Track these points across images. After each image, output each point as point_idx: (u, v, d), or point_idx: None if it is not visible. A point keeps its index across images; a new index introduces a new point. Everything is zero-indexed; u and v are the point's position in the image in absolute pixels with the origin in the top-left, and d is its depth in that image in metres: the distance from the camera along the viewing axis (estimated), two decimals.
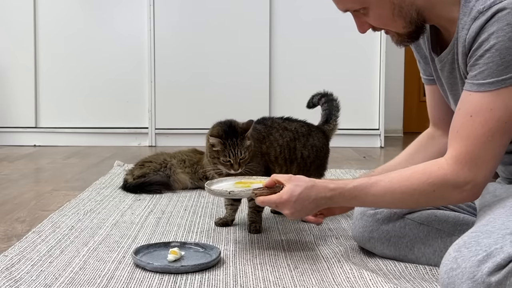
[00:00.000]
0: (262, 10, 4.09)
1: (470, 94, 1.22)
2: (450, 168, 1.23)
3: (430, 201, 1.33)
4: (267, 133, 1.91)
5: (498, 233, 1.07)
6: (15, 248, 1.61)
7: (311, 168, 1.98)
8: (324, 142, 2.07)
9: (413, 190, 1.28)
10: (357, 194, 1.35)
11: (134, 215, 2.02)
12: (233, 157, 1.74)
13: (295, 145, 1.94)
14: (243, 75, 4.10)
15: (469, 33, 1.21)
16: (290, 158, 1.92)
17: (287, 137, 1.93)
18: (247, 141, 1.77)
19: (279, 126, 1.95)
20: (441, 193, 1.25)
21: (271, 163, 1.89)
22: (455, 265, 1.07)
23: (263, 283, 1.36)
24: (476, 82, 1.20)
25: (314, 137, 2.00)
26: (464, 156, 1.22)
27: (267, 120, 1.98)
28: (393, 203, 1.37)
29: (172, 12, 4.12)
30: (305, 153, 1.96)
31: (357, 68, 4.14)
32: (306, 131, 1.99)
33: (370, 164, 3.33)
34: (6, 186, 2.61)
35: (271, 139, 1.90)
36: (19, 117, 4.13)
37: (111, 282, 1.36)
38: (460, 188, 1.23)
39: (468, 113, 1.22)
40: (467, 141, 1.22)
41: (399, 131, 4.95)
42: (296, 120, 2.04)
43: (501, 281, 1.01)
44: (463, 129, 1.23)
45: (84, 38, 4.11)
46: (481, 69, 1.19)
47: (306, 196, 1.39)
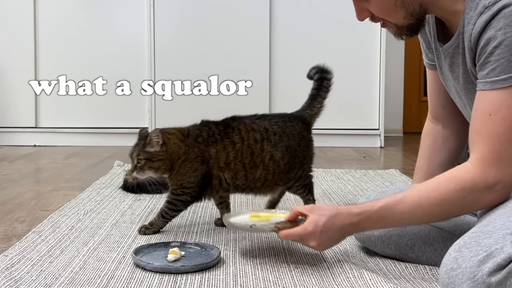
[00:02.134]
0: (262, 10, 4.09)
1: (485, 93, 1.20)
2: (477, 170, 1.20)
3: (462, 209, 1.27)
4: (222, 136, 1.79)
5: (499, 233, 1.07)
6: (15, 248, 1.61)
7: (288, 170, 1.84)
8: (302, 136, 1.89)
9: (442, 200, 1.23)
10: (385, 214, 1.30)
11: (134, 215, 2.02)
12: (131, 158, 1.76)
13: (262, 147, 1.80)
14: (243, 75, 4.09)
15: (474, 28, 1.21)
16: (253, 162, 1.79)
17: (250, 139, 1.79)
18: (151, 148, 1.73)
19: (245, 127, 1.81)
20: (472, 198, 1.21)
21: (219, 169, 1.78)
22: (455, 265, 1.07)
23: (263, 283, 1.36)
24: (489, 80, 1.19)
25: (289, 136, 1.84)
26: (489, 156, 1.19)
27: (234, 121, 1.84)
28: (423, 218, 1.31)
29: (172, 12, 4.12)
30: (277, 154, 1.81)
31: (357, 68, 4.14)
32: (280, 129, 1.83)
33: (370, 164, 3.33)
34: (6, 186, 2.61)
35: (225, 143, 1.78)
36: (19, 117, 4.13)
37: (111, 282, 1.36)
38: (490, 190, 1.20)
39: (486, 112, 1.20)
40: (489, 140, 1.19)
41: (399, 131, 4.95)
42: (271, 116, 1.89)
43: (502, 281, 1.01)
44: (483, 129, 1.21)
45: (84, 38, 4.11)
46: (493, 66, 1.18)
47: (331, 225, 1.34)
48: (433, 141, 1.62)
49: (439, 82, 1.52)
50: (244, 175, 1.80)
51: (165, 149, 1.74)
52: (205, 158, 1.77)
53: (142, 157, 1.73)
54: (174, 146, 1.75)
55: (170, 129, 1.81)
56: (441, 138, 1.61)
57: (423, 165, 1.63)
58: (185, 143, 1.77)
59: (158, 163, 1.73)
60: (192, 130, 1.81)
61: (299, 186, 1.89)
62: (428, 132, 1.64)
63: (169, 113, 4.11)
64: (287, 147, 1.83)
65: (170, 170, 1.76)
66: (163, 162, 1.74)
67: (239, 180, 1.80)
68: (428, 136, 1.64)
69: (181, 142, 1.77)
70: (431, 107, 1.63)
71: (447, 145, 1.60)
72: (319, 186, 2.59)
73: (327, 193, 2.44)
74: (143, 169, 1.74)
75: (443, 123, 1.60)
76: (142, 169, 1.74)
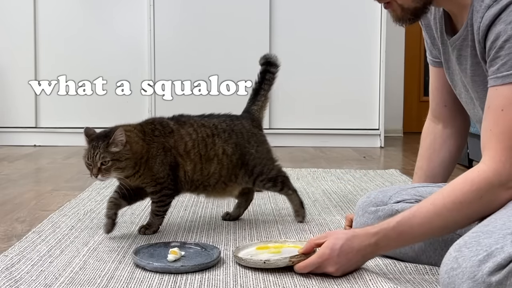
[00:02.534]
0: (262, 10, 4.09)
1: (497, 89, 1.19)
2: (490, 169, 1.19)
3: (480, 211, 1.21)
4: (176, 127, 1.81)
5: (499, 233, 1.07)
6: (15, 248, 1.61)
7: (240, 166, 1.86)
8: (252, 133, 1.90)
9: (460, 204, 1.21)
10: (403, 229, 1.27)
11: (134, 215, 2.02)
12: (91, 161, 1.66)
13: (214, 141, 1.82)
14: (243, 75, 4.09)
15: (482, 21, 1.20)
16: (207, 155, 1.81)
17: (203, 132, 1.83)
18: (115, 148, 1.65)
19: (195, 123, 1.85)
20: (489, 197, 1.19)
21: (180, 156, 1.79)
22: (455, 265, 1.07)
23: (263, 283, 1.36)
24: (500, 75, 1.18)
25: (238, 134, 1.86)
26: (502, 153, 1.17)
27: (183, 117, 1.88)
28: (443, 227, 1.26)
29: (172, 12, 4.12)
30: (229, 149, 1.84)
31: (357, 68, 4.14)
32: (228, 127, 1.86)
33: (370, 164, 3.33)
34: (6, 186, 2.61)
35: (182, 133, 1.80)
36: (19, 117, 4.13)
37: (111, 282, 1.36)
38: (505, 186, 1.17)
39: (499, 108, 1.18)
40: (502, 136, 1.18)
41: (399, 131, 4.95)
42: (218, 115, 1.93)
43: (502, 281, 1.01)
44: (496, 126, 1.19)
45: (84, 38, 4.11)
46: (503, 60, 1.17)
47: (349, 248, 1.31)
48: (433, 141, 1.62)
49: (442, 80, 1.52)
50: (200, 168, 1.80)
51: (129, 147, 1.68)
52: (166, 148, 1.76)
53: (108, 158, 1.65)
54: (136, 144, 1.71)
55: (127, 126, 1.74)
56: (441, 138, 1.61)
57: (423, 165, 1.63)
58: (145, 141, 1.74)
59: (125, 163, 1.68)
60: (146, 126, 1.78)
61: (265, 180, 1.89)
62: (428, 132, 1.64)
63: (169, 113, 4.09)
64: (236, 144, 1.85)
65: (135, 168, 1.72)
66: (130, 161, 1.69)
67: (196, 174, 1.80)
68: (428, 136, 1.64)
69: (141, 140, 1.73)
70: (432, 105, 1.62)
71: (447, 145, 1.60)
72: (319, 186, 2.59)
73: (327, 193, 2.44)
74: (109, 170, 1.66)
75: (444, 122, 1.60)
76: (108, 171, 1.66)
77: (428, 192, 1.51)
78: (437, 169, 1.61)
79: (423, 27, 1.51)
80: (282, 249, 1.54)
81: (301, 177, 2.81)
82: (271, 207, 2.18)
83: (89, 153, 1.65)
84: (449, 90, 1.52)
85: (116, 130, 1.65)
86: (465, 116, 1.60)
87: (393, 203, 1.51)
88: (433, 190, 1.51)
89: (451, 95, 1.53)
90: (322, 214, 2.06)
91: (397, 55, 4.82)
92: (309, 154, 3.74)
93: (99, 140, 1.66)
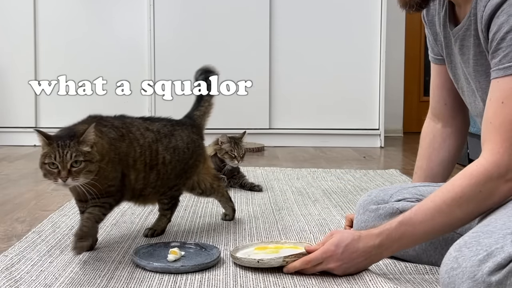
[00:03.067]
0: (262, 10, 4.09)
1: (498, 81, 1.19)
2: (488, 161, 1.18)
3: (481, 205, 1.21)
4: (126, 130, 1.63)
5: (499, 233, 1.07)
6: (15, 248, 1.61)
7: (171, 174, 1.72)
8: (191, 139, 1.79)
9: (460, 199, 1.20)
10: (405, 229, 1.26)
11: (134, 215, 2.02)
12: (60, 161, 1.44)
13: (157, 148, 1.68)
14: (243, 75, 4.09)
15: (485, 10, 1.20)
16: (151, 163, 1.66)
17: (148, 137, 1.67)
18: (86, 148, 1.46)
19: (140, 125, 1.69)
20: (488, 190, 1.18)
21: (127, 168, 1.60)
22: (455, 265, 1.07)
23: (263, 283, 1.36)
24: (502, 66, 1.18)
25: (177, 138, 1.75)
26: (501, 144, 1.17)
27: (126, 118, 1.71)
28: (445, 223, 1.24)
29: (172, 12, 4.12)
30: (167, 157, 1.70)
31: (357, 68, 4.14)
32: (169, 131, 1.74)
33: (370, 164, 3.33)
34: (6, 186, 2.61)
35: (131, 137, 1.63)
36: (19, 117, 4.13)
37: (111, 282, 1.36)
38: (504, 178, 1.17)
39: (499, 100, 1.18)
40: (501, 128, 1.17)
41: (399, 131, 4.95)
42: (158, 119, 1.80)
43: (502, 280, 1.01)
44: (496, 117, 1.18)
45: (84, 38, 4.11)
46: (505, 52, 1.16)
47: (354, 248, 1.31)
48: (432, 140, 1.62)
49: (443, 78, 1.52)
50: (143, 177, 1.65)
51: (95, 149, 1.49)
52: (121, 155, 1.59)
53: (81, 158, 1.44)
54: (99, 146, 1.51)
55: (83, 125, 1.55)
56: (440, 137, 1.61)
57: (423, 164, 1.63)
58: (104, 141, 1.55)
59: (95, 165, 1.48)
60: (101, 126, 1.57)
61: (169, 196, 1.77)
62: (427, 131, 1.64)
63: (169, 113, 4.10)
64: (175, 149, 1.72)
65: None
66: (97, 164, 1.49)
67: (138, 183, 1.65)
68: (428, 135, 1.64)
69: (101, 139, 1.54)
70: (432, 104, 1.62)
71: (446, 144, 1.60)
72: (319, 186, 2.59)
73: (327, 193, 2.44)
74: (79, 174, 1.45)
75: (444, 121, 1.60)
76: (78, 174, 1.45)
77: (429, 191, 1.51)
78: (437, 168, 1.61)
79: (427, 23, 1.51)
80: (281, 250, 1.54)
81: (301, 177, 2.81)
82: (271, 207, 2.18)
83: (56, 153, 1.44)
84: (450, 88, 1.52)
85: (88, 127, 1.46)
86: (465, 115, 1.60)
87: (394, 202, 1.51)
88: (434, 189, 1.50)
89: (451, 93, 1.53)
90: (322, 214, 2.06)
91: (397, 55, 4.82)
92: (309, 154, 3.74)
93: (65, 138, 1.46)
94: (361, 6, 4.10)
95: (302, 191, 2.48)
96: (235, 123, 3.97)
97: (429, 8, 1.48)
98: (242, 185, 2.53)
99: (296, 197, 2.36)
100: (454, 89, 1.51)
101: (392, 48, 4.55)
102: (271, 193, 2.44)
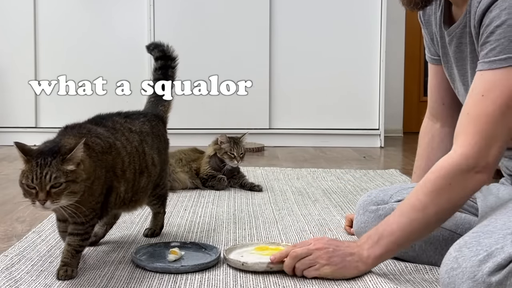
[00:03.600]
0: (262, 10, 4.09)
1: (482, 74, 1.19)
2: (458, 154, 1.18)
3: (452, 198, 1.20)
4: (113, 138, 1.47)
5: (499, 233, 1.07)
6: (15, 248, 1.61)
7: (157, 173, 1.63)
8: (164, 138, 1.70)
9: (431, 192, 1.21)
10: (382, 229, 1.28)
11: (134, 215, 2.02)
12: (38, 183, 1.26)
13: (144, 149, 1.55)
14: (243, 75, 4.10)
15: (479, 6, 1.20)
16: (140, 168, 1.52)
17: (134, 141, 1.53)
18: (71, 166, 1.29)
19: (123, 127, 1.54)
20: (458, 182, 1.18)
21: (117, 180, 1.45)
22: (455, 265, 1.07)
23: (263, 283, 1.36)
24: (487, 60, 1.17)
25: (157, 133, 1.64)
26: (473, 136, 1.17)
27: (106, 120, 1.54)
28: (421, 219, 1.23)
29: (172, 12, 4.12)
30: (156, 157, 1.59)
31: (357, 68, 4.14)
32: (149, 129, 1.62)
33: (370, 164, 3.33)
34: (6, 186, 2.61)
35: (118, 146, 1.46)
36: (19, 117, 4.13)
37: (111, 282, 1.36)
38: (474, 170, 1.16)
39: (480, 93, 1.18)
40: (476, 121, 1.17)
41: (399, 131, 4.95)
42: (136, 115, 1.67)
43: (502, 281, 1.01)
44: (474, 109, 1.18)
45: (84, 38, 4.11)
46: (492, 46, 1.16)
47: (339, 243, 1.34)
48: (431, 140, 1.62)
49: (440, 78, 1.52)
50: (132, 185, 1.51)
51: (83, 166, 1.32)
52: (107, 168, 1.42)
53: (63, 180, 1.27)
54: (87, 162, 1.34)
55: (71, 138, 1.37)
56: (439, 137, 1.61)
57: (422, 164, 1.63)
58: (92, 158, 1.37)
59: (80, 185, 1.31)
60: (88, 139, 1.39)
61: (156, 195, 1.70)
62: (426, 131, 1.64)
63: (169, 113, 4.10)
64: (158, 150, 1.63)
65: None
66: (83, 183, 1.32)
67: (128, 192, 1.51)
68: (426, 135, 1.64)
69: (88, 157, 1.35)
70: (430, 104, 1.63)
71: (445, 144, 1.60)
72: (319, 186, 2.59)
73: (327, 193, 2.44)
74: (60, 196, 1.28)
75: (442, 121, 1.60)
76: (59, 196, 1.27)
77: None
78: None
79: (423, 24, 1.51)
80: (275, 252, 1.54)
81: (301, 177, 2.81)
82: (271, 207, 2.18)
83: (33, 173, 1.26)
84: (447, 87, 1.52)
85: (76, 144, 1.29)
86: None
87: (393, 202, 1.51)
88: None
89: (449, 93, 1.53)
90: (322, 214, 2.06)
91: (397, 55, 4.82)
92: (309, 154, 3.74)
93: (46, 155, 1.28)
94: (361, 6, 4.10)
95: (302, 191, 2.48)
96: (235, 123, 3.97)
97: (425, 8, 1.48)
98: (242, 185, 2.53)
99: (296, 197, 2.36)
100: (451, 89, 1.51)
101: (392, 48, 4.55)
102: (271, 193, 2.44)
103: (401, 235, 1.27)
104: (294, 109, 4.14)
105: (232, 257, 1.47)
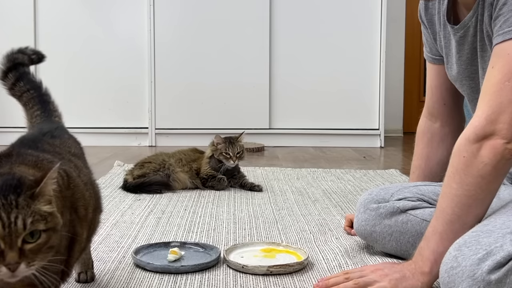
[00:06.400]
0: (262, 10, 4.09)
1: (495, 48, 1.17)
2: (467, 127, 1.17)
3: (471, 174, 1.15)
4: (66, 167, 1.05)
5: (499, 232, 1.07)
6: None
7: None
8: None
9: (452, 175, 1.18)
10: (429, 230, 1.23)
11: (134, 215, 2.02)
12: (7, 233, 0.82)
13: (89, 173, 1.21)
14: (243, 75, 4.10)
15: None
16: (95, 197, 1.16)
17: (81, 166, 1.16)
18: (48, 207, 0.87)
19: (63, 151, 1.16)
20: (470, 153, 1.15)
21: (80, 223, 1.04)
22: (455, 264, 1.07)
23: (263, 283, 1.36)
24: (501, 32, 1.16)
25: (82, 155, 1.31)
26: (480, 108, 1.15)
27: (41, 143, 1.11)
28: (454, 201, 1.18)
29: (172, 12, 4.12)
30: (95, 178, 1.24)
31: (357, 68, 4.14)
32: (77, 147, 1.30)
33: (370, 164, 3.33)
34: None
35: (74, 176, 1.06)
36: (19, 117, 4.11)
37: (111, 282, 1.36)
38: (482, 139, 1.13)
39: (491, 66, 1.17)
40: (485, 93, 1.15)
41: (399, 131, 4.95)
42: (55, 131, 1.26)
43: (501, 279, 1.01)
44: (485, 83, 1.17)
45: (84, 38, 4.11)
46: (506, 17, 1.15)
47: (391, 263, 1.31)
48: (430, 139, 1.62)
49: (442, 78, 1.52)
50: (89, 228, 1.11)
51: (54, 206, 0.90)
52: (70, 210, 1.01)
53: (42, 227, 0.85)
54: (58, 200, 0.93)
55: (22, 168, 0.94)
56: (438, 136, 1.61)
57: (421, 164, 1.63)
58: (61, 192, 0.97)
59: (58, 235, 0.90)
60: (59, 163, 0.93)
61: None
62: (424, 130, 1.64)
63: (169, 113, 4.11)
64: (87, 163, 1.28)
65: None
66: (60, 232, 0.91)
67: (91, 229, 1.14)
68: (425, 134, 1.64)
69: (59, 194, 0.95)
70: (429, 103, 1.62)
71: (445, 144, 1.60)
72: (319, 186, 2.59)
73: (327, 193, 2.44)
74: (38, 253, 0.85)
75: (442, 121, 1.60)
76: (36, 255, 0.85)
77: (430, 191, 1.51)
78: (435, 168, 1.61)
79: (425, 23, 1.50)
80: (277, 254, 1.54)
81: (301, 177, 2.81)
82: (271, 207, 2.18)
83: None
84: (449, 87, 1.52)
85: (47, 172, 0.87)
86: (463, 115, 1.60)
87: (394, 201, 1.51)
88: (435, 188, 1.51)
89: (450, 93, 1.53)
90: (322, 214, 2.06)
91: (397, 55, 4.82)
92: (309, 154, 3.74)
93: (6, 192, 0.84)
94: (361, 6, 4.10)
95: (302, 191, 2.48)
96: (235, 123, 3.97)
97: (427, 8, 1.48)
98: (242, 185, 2.53)
99: (296, 197, 2.36)
100: (453, 89, 1.51)
101: (392, 48, 4.55)
102: (271, 193, 2.44)
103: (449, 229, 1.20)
104: (294, 109, 4.14)
105: (232, 259, 1.47)
